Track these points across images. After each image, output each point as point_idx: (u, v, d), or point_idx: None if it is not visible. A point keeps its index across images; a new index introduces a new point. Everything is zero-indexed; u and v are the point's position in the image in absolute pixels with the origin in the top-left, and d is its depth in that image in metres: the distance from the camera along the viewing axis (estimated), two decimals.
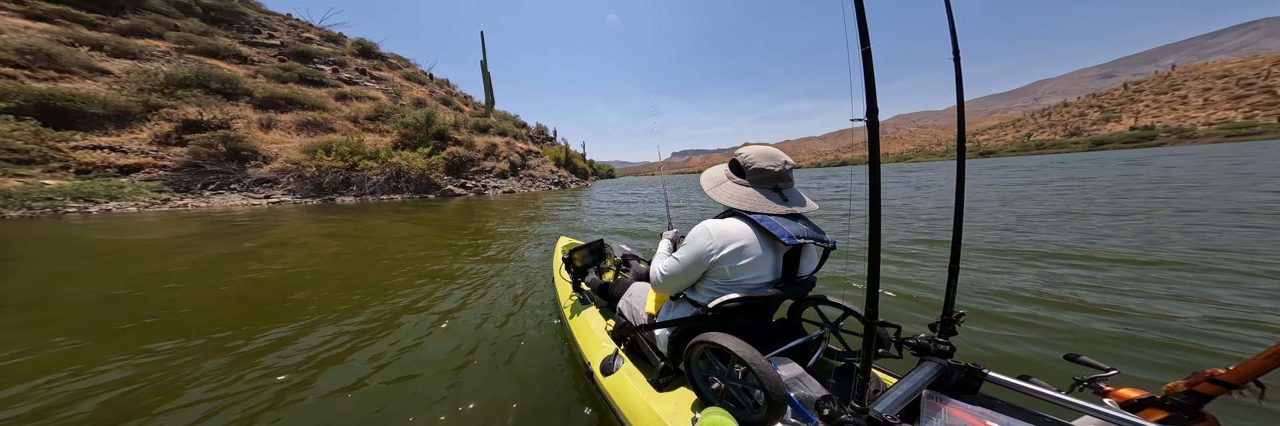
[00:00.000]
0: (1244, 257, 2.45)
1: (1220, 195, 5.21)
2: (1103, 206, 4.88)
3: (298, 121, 14.80)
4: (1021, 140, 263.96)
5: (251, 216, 7.56)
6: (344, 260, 3.53)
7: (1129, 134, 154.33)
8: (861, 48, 0.51)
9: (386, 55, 24.26)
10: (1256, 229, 3.19)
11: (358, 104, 17.55)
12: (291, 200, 11.49)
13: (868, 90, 0.53)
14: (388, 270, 3.08)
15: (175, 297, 2.41)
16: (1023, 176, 12.18)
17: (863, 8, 0.51)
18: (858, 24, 0.51)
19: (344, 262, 3.42)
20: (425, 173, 15.04)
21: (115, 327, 1.92)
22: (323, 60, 19.89)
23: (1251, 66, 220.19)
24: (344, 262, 3.42)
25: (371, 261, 3.46)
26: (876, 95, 0.53)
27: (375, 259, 3.57)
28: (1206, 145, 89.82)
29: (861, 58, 0.51)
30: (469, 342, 1.67)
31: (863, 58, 0.51)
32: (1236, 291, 1.93)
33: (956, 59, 0.79)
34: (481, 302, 2.21)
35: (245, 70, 16.14)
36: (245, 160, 11.80)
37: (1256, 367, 0.55)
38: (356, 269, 3.15)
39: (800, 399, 0.73)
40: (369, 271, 3.06)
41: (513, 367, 1.45)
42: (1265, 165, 10.47)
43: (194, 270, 3.14)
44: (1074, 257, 2.67)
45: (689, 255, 0.85)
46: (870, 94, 0.53)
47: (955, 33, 0.83)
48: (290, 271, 3.10)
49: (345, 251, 3.91)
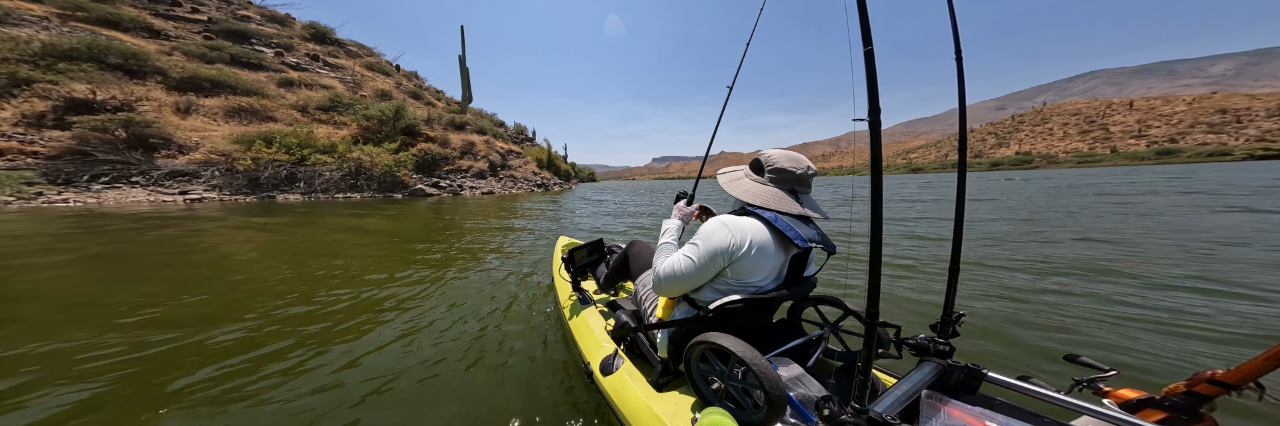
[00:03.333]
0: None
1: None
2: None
3: (227, 107, 12.55)
4: (941, 159, 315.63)
5: (156, 215, 6.01)
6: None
7: (1015, 157, 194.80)
8: (864, 48, 0.50)
9: (345, 42, 21.85)
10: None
11: (307, 92, 15.42)
12: (217, 197, 9.49)
13: (870, 91, 0.51)
14: (372, 268, 2.83)
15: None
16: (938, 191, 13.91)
17: (866, 8, 0.50)
18: (861, 24, 0.50)
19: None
20: (392, 169, 13.40)
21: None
22: (263, 41, 17.39)
23: (1093, 107, 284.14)
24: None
25: (379, 255, 3.00)
26: (879, 96, 0.51)
27: (381, 253, 3.10)
28: (1065, 169, 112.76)
29: (864, 58, 0.50)
30: (468, 343, 1.62)
31: (865, 58, 0.50)
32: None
33: (959, 60, 0.78)
34: (481, 302, 2.12)
35: (157, 46, 13.54)
36: (154, 149, 9.60)
37: (1255, 368, 0.55)
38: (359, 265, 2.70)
39: (800, 399, 0.72)
40: (374, 266, 2.66)
41: (512, 368, 1.41)
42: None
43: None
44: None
45: (705, 253, 0.77)
46: (872, 94, 0.51)
47: (958, 34, 0.82)
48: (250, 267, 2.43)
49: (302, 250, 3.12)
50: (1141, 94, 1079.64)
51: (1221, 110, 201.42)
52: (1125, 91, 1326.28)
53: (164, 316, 1.85)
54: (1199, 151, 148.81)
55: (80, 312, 1.89)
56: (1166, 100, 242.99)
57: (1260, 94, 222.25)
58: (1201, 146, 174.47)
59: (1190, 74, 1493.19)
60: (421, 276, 2.71)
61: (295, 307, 2.00)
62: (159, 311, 1.91)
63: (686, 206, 1.08)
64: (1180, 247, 3.08)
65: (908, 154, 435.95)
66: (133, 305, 1.98)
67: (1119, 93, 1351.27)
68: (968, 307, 1.87)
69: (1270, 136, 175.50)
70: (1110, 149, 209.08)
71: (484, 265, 3.08)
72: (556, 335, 1.66)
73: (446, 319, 1.89)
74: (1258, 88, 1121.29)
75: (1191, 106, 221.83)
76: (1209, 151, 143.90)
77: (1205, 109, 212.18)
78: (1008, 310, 1.84)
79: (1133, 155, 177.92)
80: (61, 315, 1.87)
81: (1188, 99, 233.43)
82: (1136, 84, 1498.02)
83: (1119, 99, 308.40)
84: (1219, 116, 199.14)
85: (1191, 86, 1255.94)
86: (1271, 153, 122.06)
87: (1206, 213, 5.05)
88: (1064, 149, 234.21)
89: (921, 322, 1.69)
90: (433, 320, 1.87)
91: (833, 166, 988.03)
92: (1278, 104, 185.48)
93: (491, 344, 1.61)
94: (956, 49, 0.80)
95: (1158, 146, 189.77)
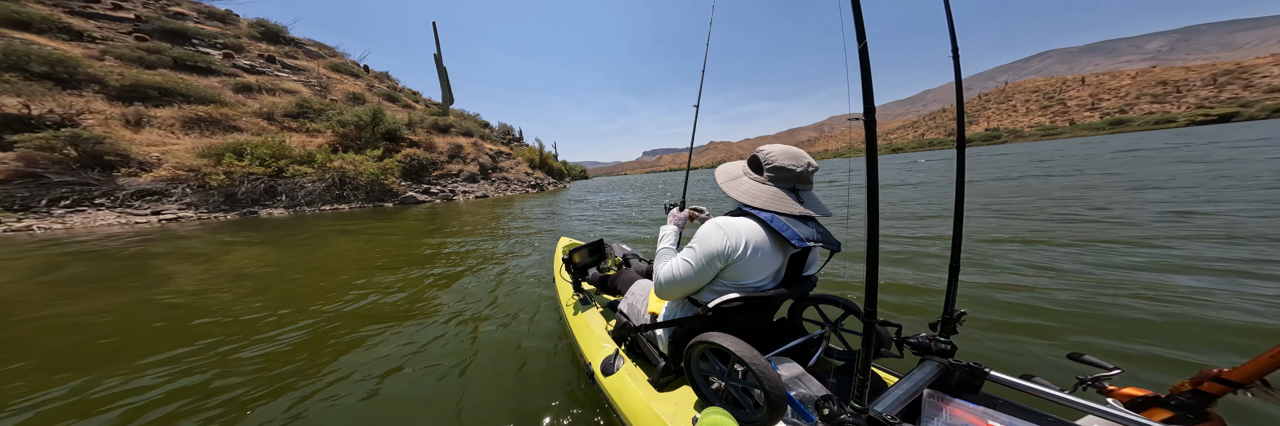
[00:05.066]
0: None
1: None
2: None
3: (183, 117, 11.46)
4: (918, 139, 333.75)
5: (135, 238, 5.59)
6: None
7: (985, 134, 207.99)
8: (858, 44, 0.48)
9: (302, 41, 20.08)
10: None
11: (270, 98, 14.25)
12: (195, 215, 8.80)
13: (865, 87, 0.50)
14: (367, 269, 2.87)
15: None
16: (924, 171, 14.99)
17: (859, 3, 0.49)
18: (855, 20, 0.49)
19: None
20: (378, 178, 12.80)
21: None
22: (206, 42, 15.78)
23: (1050, 85, 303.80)
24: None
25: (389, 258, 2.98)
26: (873, 93, 0.51)
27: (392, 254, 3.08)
28: (1031, 143, 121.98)
29: (858, 54, 0.49)
30: (468, 343, 1.64)
31: (859, 54, 0.49)
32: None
33: (955, 56, 0.79)
34: (481, 303, 2.16)
35: (83, 50, 12.02)
36: (112, 167, 8.70)
37: (1262, 366, 0.54)
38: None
39: (800, 398, 0.72)
40: (369, 267, 2.72)
41: (513, 368, 1.43)
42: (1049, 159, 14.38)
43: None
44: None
45: (701, 256, 0.78)
46: (867, 93, 0.50)
47: (954, 31, 0.82)
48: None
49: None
50: (1090, 70, 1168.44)
51: (1162, 82, 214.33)
52: (1076, 69, 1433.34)
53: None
54: (1147, 120, 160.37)
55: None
56: (1113, 75, 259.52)
57: (1194, 66, 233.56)
58: (1148, 115, 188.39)
59: (1130, 51, 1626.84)
60: (420, 277, 2.70)
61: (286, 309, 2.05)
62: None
63: (680, 212, 1.12)
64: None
65: (887, 135, 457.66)
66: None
67: (1070, 70, 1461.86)
68: (968, 306, 1.80)
69: (1207, 103, 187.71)
70: (1069, 121, 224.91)
71: (484, 265, 3.11)
72: (557, 335, 1.66)
73: (446, 319, 1.90)
74: (1190, 61, 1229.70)
75: (1135, 80, 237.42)
76: (1155, 119, 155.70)
77: (1147, 81, 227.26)
78: (1007, 304, 1.75)
79: (1089, 126, 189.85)
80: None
81: (1131, 73, 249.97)
82: (1085, 61, 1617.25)
83: (1072, 76, 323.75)
84: (1161, 88, 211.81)
85: (1132, 62, 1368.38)
86: (1211, 118, 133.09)
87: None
88: (1028, 124, 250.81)
89: (921, 322, 1.63)
90: (433, 321, 1.89)
91: (819, 150, 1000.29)
92: (1211, 74, 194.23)
93: (492, 344, 1.62)
94: (954, 50, 0.80)
95: (1110, 117, 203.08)
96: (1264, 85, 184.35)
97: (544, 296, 2.23)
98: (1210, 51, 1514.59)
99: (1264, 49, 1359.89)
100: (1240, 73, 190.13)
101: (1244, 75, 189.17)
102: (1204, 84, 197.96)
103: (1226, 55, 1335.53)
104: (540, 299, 2.19)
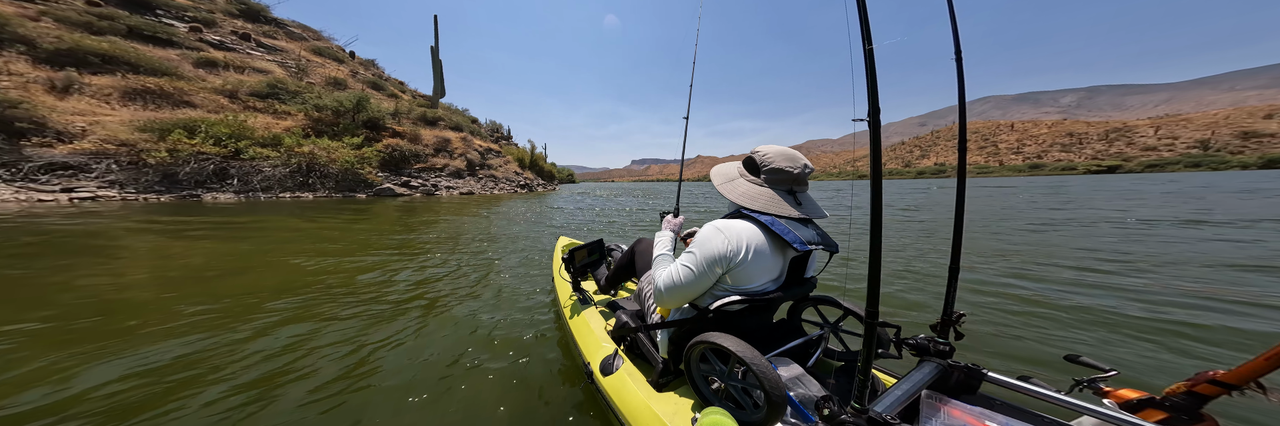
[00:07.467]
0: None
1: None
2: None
3: (124, 87, 10.13)
4: (894, 167, 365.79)
5: (21, 218, 4.58)
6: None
7: (934, 167, 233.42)
8: (864, 46, 0.48)
9: (285, 22, 18.90)
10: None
11: (236, 75, 13.03)
12: (117, 195, 7.47)
13: (870, 90, 0.49)
14: (360, 267, 2.71)
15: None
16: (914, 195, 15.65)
17: (865, 6, 0.49)
18: (861, 21, 0.48)
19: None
20: (353, 166, 11.71)
21: None
22: (173, 14, 14.50)
23: (987, 127, 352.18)
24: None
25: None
26: (878, 95, 0.50)
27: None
28: (971, 178, 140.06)
29: (864, 57, 0.48)
30: (468, 343, 1.60)
31: (865, 57, 0.48)
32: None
33: (959, 60, 0.78)
34: (480, 303, 2.10)
35: (17, 9, 10.62)
36: (21, 135, 7.34)
37: (1257, 368, 0.55)
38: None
39: (800, 399, 0.72)
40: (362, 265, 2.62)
41: (512, 368, 1.40)
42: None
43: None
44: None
45: (702, 261, 0.75)
46: (872, 94, 0.49)
47: (958, 35, 0.82)
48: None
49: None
50: (1018, 118, 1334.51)
51: (1069, 133, 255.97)
52: (1009, 115, 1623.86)
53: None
54: (1056, 166, 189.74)
55: None
56: (1035, 123, 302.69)
57: (1094, 122, 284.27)
58: (1057, 162, 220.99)
59: (1049, 103, 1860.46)
60: (418, 277, 2.58)
61: (279, 302, 1.86)
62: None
63: (674, 218, 1.11)
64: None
65: (855, 162, 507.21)
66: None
67: (1004, 115, 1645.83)
68: (966, 308, 1.91)
69: (1100, 156, 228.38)
70: (999, 162, 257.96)
71: (483, 265, 2.99)
72: (556, 335, 1.64)
73: (445, 319, 1.85)
74: (1092, 117, 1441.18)
75: (1050, 130, 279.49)
76: (1062, 166, 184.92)
77: (1058, 132, 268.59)
78: (1006, 309, 1.86)
79: (1013, 168, 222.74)
80: None
81: (1047, 123, 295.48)
82: (1016, 109, 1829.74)
83: (1004, 121, 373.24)
84: (1068, 138, 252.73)
85: (1049, 114, 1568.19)
86: (1102, 168, 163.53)
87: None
88: (969, 162, 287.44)
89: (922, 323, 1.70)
90: (431, 320, 1.83)
91: None
92: (1104, 130, 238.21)
93: (491, 344, 1.57)
94: (957, 51, 0.79)
95: (1030, 161, 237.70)
96: (1141, 143, 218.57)
97: (543, 296, 2.18)
98: (1105, 111, 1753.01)
99: (1144, 112, 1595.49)
100: (1126, 131, 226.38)
101: (1128, 134, 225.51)
102: (1099, 138, 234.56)
103: (1117, 114, 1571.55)
104: (539, 298, 2.14)
